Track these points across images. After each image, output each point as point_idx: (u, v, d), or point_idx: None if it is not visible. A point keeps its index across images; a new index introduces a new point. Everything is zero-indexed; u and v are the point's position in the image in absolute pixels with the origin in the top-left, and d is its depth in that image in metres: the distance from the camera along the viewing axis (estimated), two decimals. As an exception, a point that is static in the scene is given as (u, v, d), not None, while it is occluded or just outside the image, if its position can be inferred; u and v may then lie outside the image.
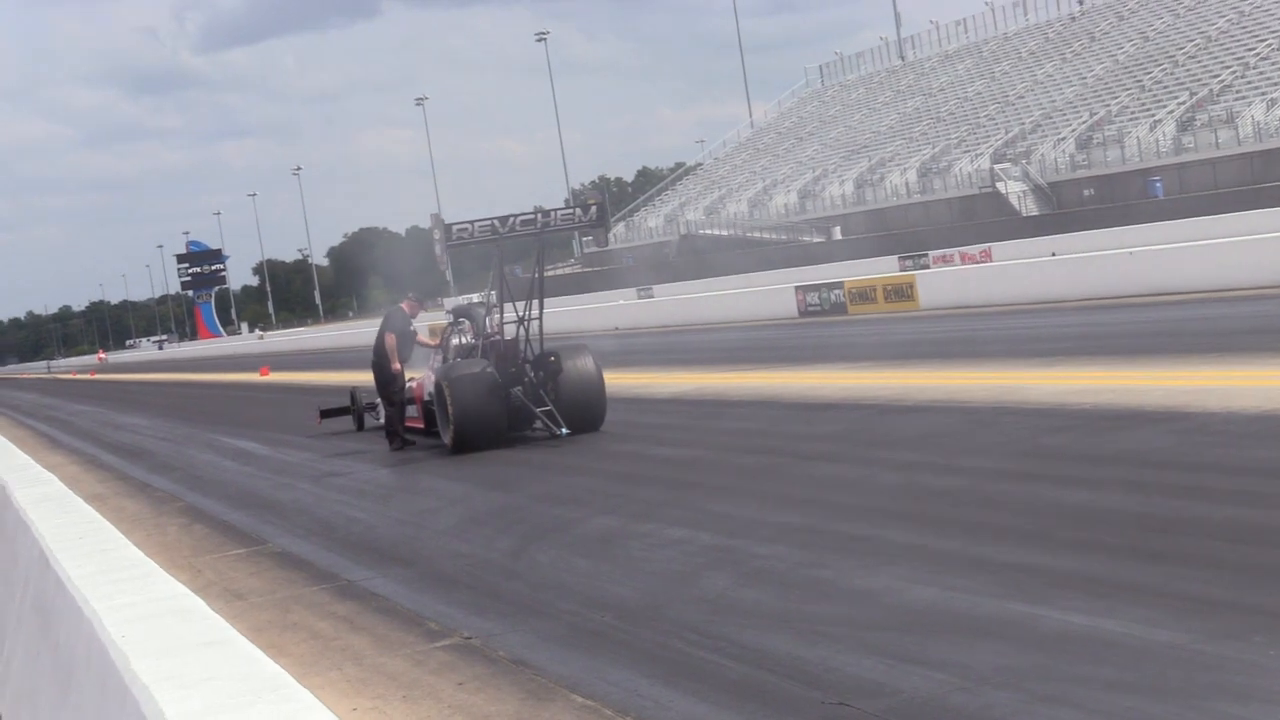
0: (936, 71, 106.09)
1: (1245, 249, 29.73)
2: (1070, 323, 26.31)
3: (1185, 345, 19.59)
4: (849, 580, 9.10)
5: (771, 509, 11.98)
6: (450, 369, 19.26)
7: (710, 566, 10.08)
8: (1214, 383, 15.44)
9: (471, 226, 18.96)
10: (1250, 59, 74.37)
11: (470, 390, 18.81)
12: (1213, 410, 13.61)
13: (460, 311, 22.00)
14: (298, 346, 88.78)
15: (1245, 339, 19.25)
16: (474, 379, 18.87)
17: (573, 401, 19.21)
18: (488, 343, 19.90)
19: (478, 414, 18.79)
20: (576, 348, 19.86)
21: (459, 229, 18.91)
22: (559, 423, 18.96)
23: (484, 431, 18.87)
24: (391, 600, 10.60)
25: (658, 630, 8.57)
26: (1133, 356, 19.07)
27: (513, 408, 19.19)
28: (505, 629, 9.17)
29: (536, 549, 11.73)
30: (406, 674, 8.48)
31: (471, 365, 19.24)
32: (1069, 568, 8.60)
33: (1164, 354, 18.83)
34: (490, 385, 18.95)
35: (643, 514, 12.63)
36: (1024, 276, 36.08)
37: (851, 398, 19.08)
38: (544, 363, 19.42)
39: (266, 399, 40.48)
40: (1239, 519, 9.16)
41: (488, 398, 18.88)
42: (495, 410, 18.94)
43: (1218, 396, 14.35)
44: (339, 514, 15.59)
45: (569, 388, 19.24)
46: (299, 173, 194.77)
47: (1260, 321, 21.52)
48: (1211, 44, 79.71)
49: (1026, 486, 11.29)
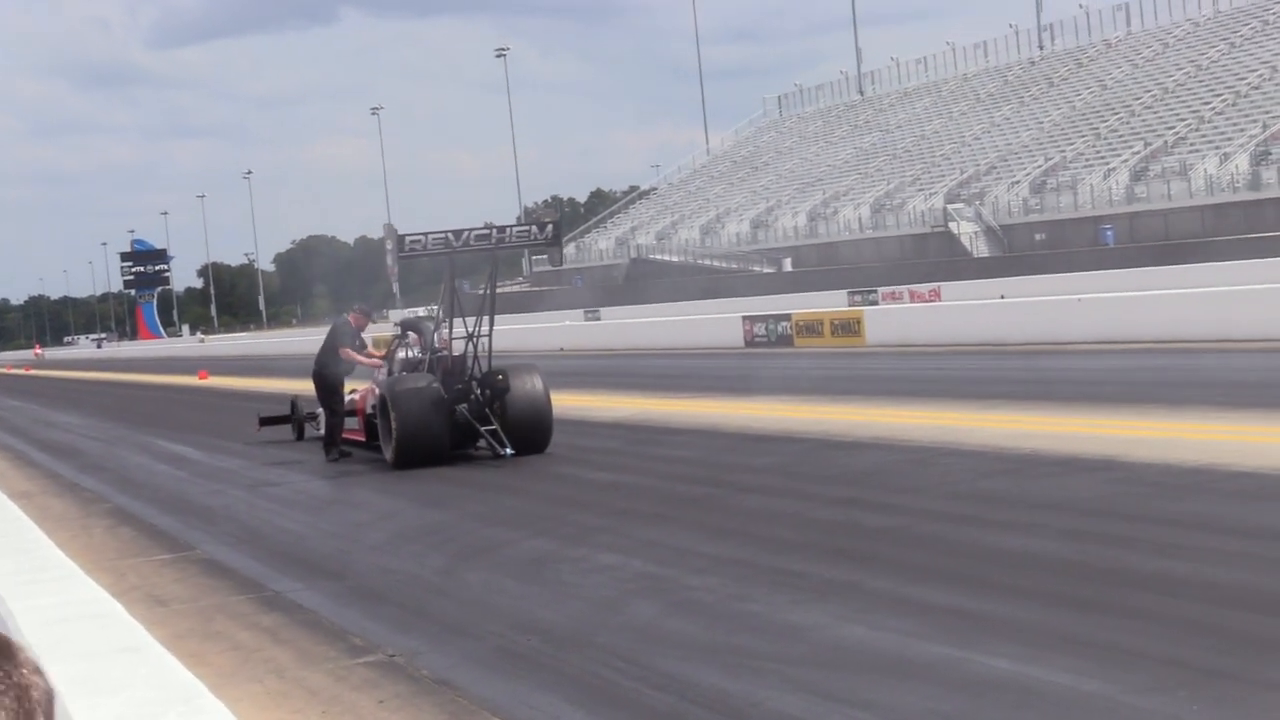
0: (895, 108, 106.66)
1: (1194, 302, 29.94)
2: (1015, 367, 26.43)
3: (1126, 394, 19.70)
4: (779, 615, 9.09)
5: (705, 539, 11.98)
6: (395, 382, 18.93)
7: (640, 594, 10.07)
8: (1153, 434, 15.53)
9: (425, 239, 18.59)
10: (1205, 112, 75.09)
11: (415, 405, 18.51)
12: (1149, 461, 13.69)
13: (408, 324, 21.72)
14: (239, 352, 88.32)
15: (1187, 391, 19.37)
16: (419, 393, 18.57)
17: (519, 422, 18.87)
18: (434, 357, 19.55)
19: (421, 429, 18.48)
20: (525, 367, 19.59)
21: (412, 240, 18.53)
22: (504, 443, 18.59)
23: (427, 448, 18.54)
24: (317, 613, 10.54)
25: (585, 657, 8.55)
26: (1074, 403, 19.16)
27: (457, 425, 18.85)
28: (430, 648, 9.14)
29: (466, 568, 11.69)
30: (327, 689, 8.43)
31: (417, 379, 18.95)
32: (1000, 613, 8.63)
33: (1105, 402, 18.92)
34: (435, 400, 18.64)
35: (576, 538, 12.62)
36: (972, 318, 36.24)
37: (793, 431, 19.10)
38: (491, 381, 19.03)
39: (203, 403, 40.23)
40: (1168, 572, 9.21)
41: (432, 413, 18.57)
42: (439, 427, 18.61)
43: (1156, 448, 14.43)
44: (269, 523, 15.50)
45: (516, 408, 18.91)
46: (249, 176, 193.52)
47: (1203, 375, 21.66)
48: (1168, 95, 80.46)
49: (962, 529, 11.33)
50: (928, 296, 52.28)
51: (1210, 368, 22.64)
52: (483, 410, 18.91)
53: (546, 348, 51.97)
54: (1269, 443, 14.28)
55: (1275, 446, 13.95)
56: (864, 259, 79.54)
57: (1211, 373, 21.83)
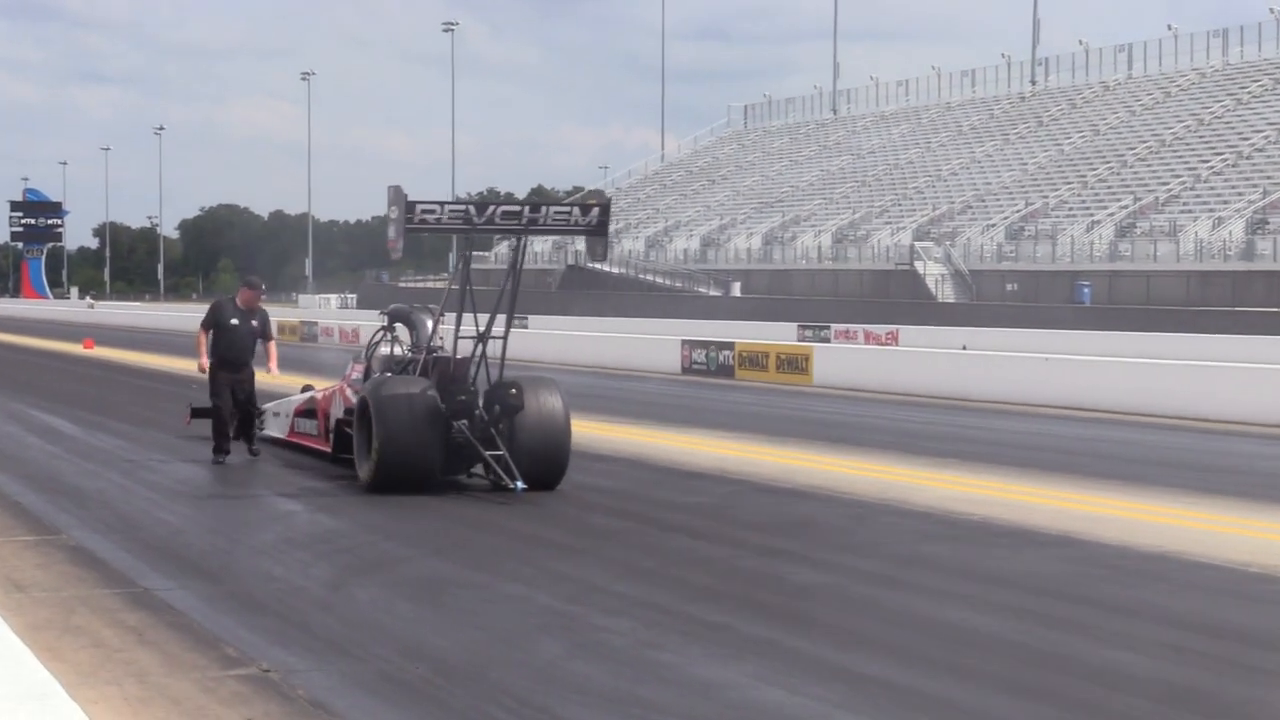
0: (869, 132, 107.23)
1: (1171, 374, 30.14)
2: (973, 424, 26.56)
3: (1089, 466, 19.82)
4: (691, 668, 9.10)
5: (620, 577, 11.98)
6: (380, 385, 16.87)
7: (544, 630, 10.06)
8: (1113, 512, 15.64)
9: (440, 209, 16.67)
10: (1203, 171, 75.79)
11: (404, 415, 16.35)
12: (1107, 541, 13.79)
13: (396, 314, 19.87)
14: (131, 322, 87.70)
15: (1154, 470, 19.50)
16: (410, 402, 16.47)
17: (530, 449, 16.74)
18: (431, 359, 17.76)
19: (409, 446, 16.32)
20: (542, 382, 17.66)
21: (424, 209, 16.51)
22: (514, 474, 16.32)
23: (414, 469, 16.47)
24: (189, 617, 10.47)
25: (475, 692, 8.54)
26: (1032, 470, 19.26)
27: (453, 445, 16.79)
28: (309, 666, 9.10)
29: (357, 584, 11.65)
30: (192, 700, 8.38)
31: (409, 383, 16.87)
32: (932, 690, 8.67)
33: (1066, 472, 19.02)
34: (430, 411, 16.50)
35: (479, 563, 12.61)
36: (930, 367, 36.39)
37: (726, 469, 19.13)
38: (501, 394, 17.01)
39: (86, 374, 39.93)
40: (1117, 664, 9.27)
41: (425, 427, 16.43)
42: (432, 444, 16.49)
43: (1115, 527, 14.54)
44: (146, 513, 15.40)
45: (528, 431, 16.82)
46: (160, 132, 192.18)
47: (1173, 454, 21.83)
48: (1164, 149, 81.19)
49: (898, 594, 11.37)
50: (884, 339, 52.50)
51: (1182, 447, 22.81)
52: (488, 430, 16.87)
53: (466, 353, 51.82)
54: (1235, 534, 14.41)
55: (1242, 539, 14.08)
56: (819, 291, 79.77)
57: (1183, 453, 22.00)
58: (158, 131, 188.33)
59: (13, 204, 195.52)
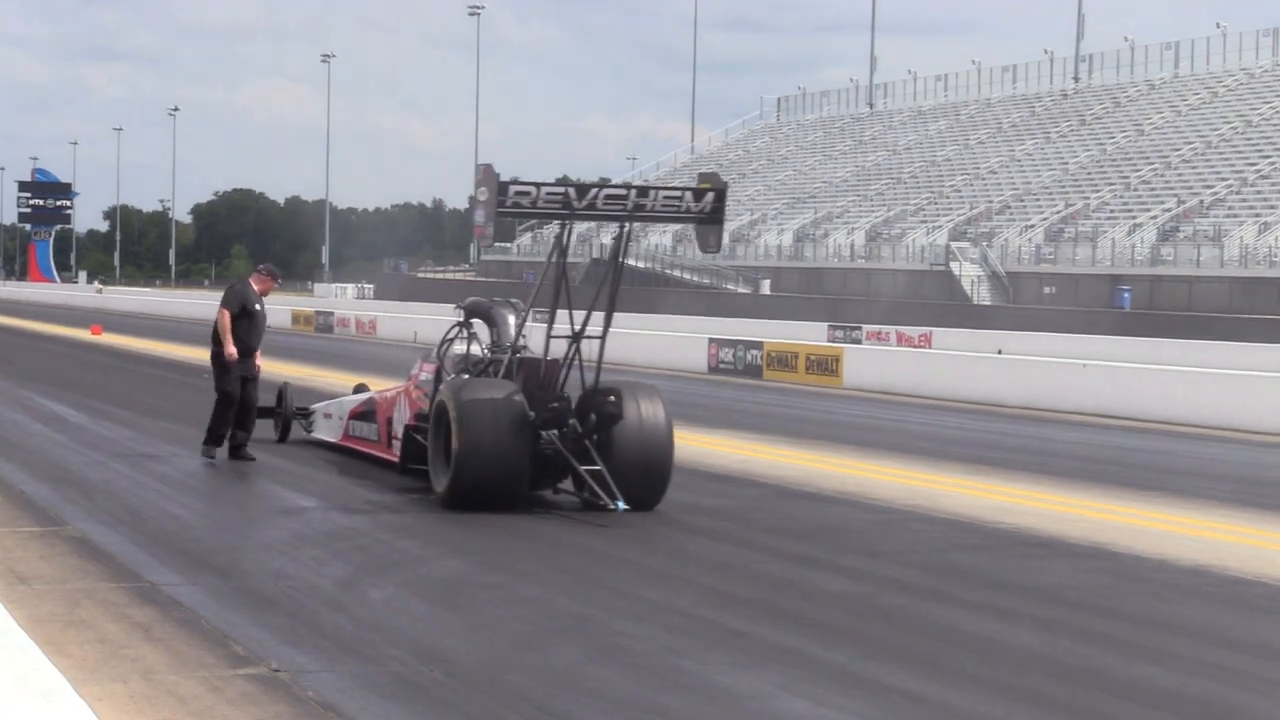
0: (906, 127, 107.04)
1: (1213, 383, 30.09)
2: (1006, 430, 26.54)
3: (1126, 476, 19.80)
4: (713, 676, 9.12)
5: (641, 581, 12.02)
6: (462, 387, 15.57)
7: (562, 634, 10.08)
8: (1150, 524, 15.62)
9: (535, 191, 15.27)
10: (1249, 174, 75.55)
11: (488, 423, 14.99)
12: (1143, 554, 13.78)
13: (475, 309, 18.40)
14: (140, 308, 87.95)
15: (1194, 482, 19.48)
16: (495, 408, 15.10)
17: (629, 465, 15.42)
18: (516, 359, 16.46)
19: (496, 458, 14.98)
20: (642, 388, 16.36)
21: (518, 191, 15.22)
22: (614, 492, 15.02)
23: (499, 483, 15.10)
24: (197, 613, 10.50)
25: (492, 697, 8.55)
26: (1067, 479, 19.25)
27: (541, 457, 15.50)
28: (320, 666, 9.12)
29: (371, 582, 11.68)
30: (199, 699, 8.41)
31: (494, 387, 15.54)
32: (957, 703, 8.67)
33: (1103, 482, 19.00)
34: (517, 419, 15.12)
35: (496, 563, 12.63)
36: (964, 370, 36.35)
37: (752, 472, 19.14)
38: (598, 402, 15.77)
39: (94, 361, 40.05)
40: (1149, 680, 9.27)
41: (512, 438, 15.04)
42: (519, 457, 15.16)
43: (1152, 540, 14.53)
44: (154, 505, 15.44)
45: (628, 444, 15.51)
46: (175, 114, 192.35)
47: (1215, 465, 21.79)
48: (1210, 150, 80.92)
49: (926, 604, 11.38)
50: (917, 341, 52.43)
51: (1223, 458, 22.77)
52: (582, 443, 15.57)
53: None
54: (1277, 550, 14.39)
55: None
56: (851, 291, 79.68)
57: (1224, 464, 21.96)
58: (172, 113, 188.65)
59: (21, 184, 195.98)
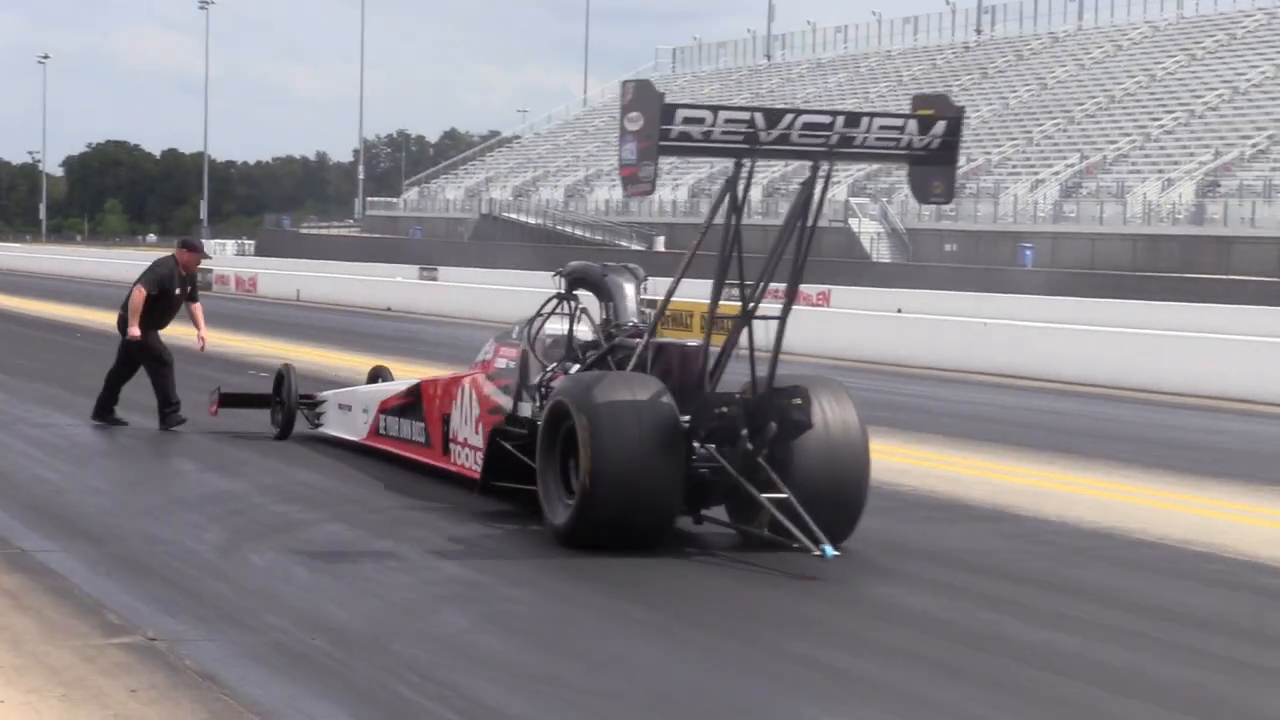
0: (804, 80, 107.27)
1: (1115, 342, 30.34)
2: (906, 391, 26.69)
3: (1027, 438, 19.96)
4: (603, 642, 9.14)
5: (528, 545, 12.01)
6: (591, 385, 11.91)
7: (449, 601, 10.09)
8: (1051, 485, 15.78)
9: (713, 117, 11.68)
10: (1153, 130, 76.18)
11: (632, 434, 11.52)
12: (1044, 517, 13.94)
13: (583, 276, 14.34)
14: (10, 264, 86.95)
15: (1095, 442, 19.67)
16: (639, 413, 11.65)
17: (818, 484, 11.96)
18: (652, 346, 13.09)
19: (641, 480, 11.49)
20: (825, 383, 12.96)
21: (688, 118, 11.58)
22: (816, 535, 11.27)
23: (644, 511, 11.63)
24: (69, 580, 10.41)
25: (377, 665, 8.52)
26: (966, 440, 19.39)
27: (696, 476, 11.99)
28: (198, 635, 9.06)
29: (251, 548, 11.61)
30: (71, 669, 8.33)
31: (634, 384, 11.95)
32: (846, 666, 8.73)
33: (1004, 443, 19.17)
34: (668, 430, 11.65)
35: (383, 527, 12.58)
36: (863, 330, 36.50)
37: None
38: (779, 403, 12.07)
39: (-38, 320, 39.56)
40: (1052, 645, 9.36)
41: (661, 453, 11.56)
42: (669, 476, 11.65)
43: (1053, 502, 14.68)
44: (24, 469, 15.27)
45: (816, 459, 12.12)
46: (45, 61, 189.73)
47: (1116, 426, 21.98)
48: (1114, 105, 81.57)
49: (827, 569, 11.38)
50: (815, 300, 52.61)
51: (1125, 419, 22.99)
52: (753, 460, 11.88)
53: (371, 305, 51.73)
54: (1178, 510, 14.57)
55: (1185, 516, 14.24)
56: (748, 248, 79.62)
57: (1125, 425, 22.17)
58: (41, 60, 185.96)
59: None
